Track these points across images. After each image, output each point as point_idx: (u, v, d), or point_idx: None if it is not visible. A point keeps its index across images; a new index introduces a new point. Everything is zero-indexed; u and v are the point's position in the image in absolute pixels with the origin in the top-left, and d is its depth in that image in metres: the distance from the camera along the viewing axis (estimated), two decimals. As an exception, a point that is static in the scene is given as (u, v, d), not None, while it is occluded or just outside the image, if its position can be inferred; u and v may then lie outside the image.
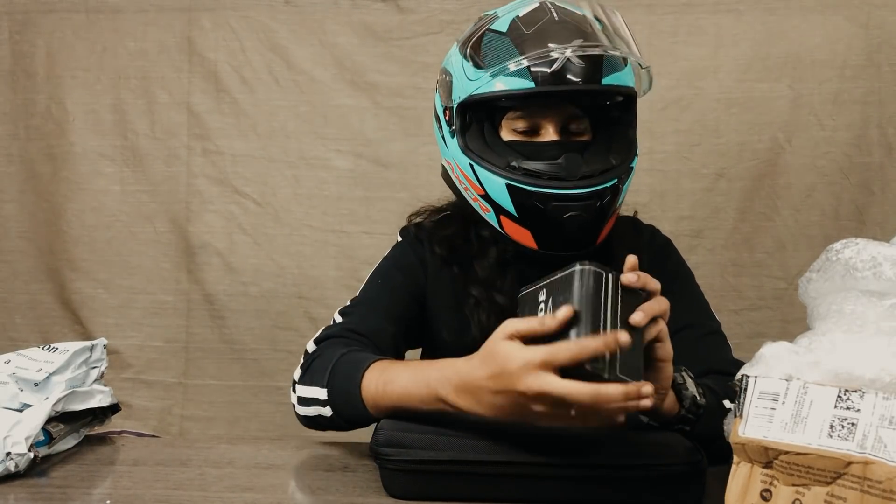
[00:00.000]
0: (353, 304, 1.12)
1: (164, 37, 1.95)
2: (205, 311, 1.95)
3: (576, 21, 1.00)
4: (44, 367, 0.98)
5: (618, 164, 1.01)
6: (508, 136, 1.04)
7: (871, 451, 0.58)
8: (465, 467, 0.79)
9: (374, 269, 1.16)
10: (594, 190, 0.97)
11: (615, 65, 0.99)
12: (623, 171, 1.01)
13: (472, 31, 1.07)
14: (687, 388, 0.88)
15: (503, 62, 0.98)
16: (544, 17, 1.00)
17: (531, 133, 1.03)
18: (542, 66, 0.96)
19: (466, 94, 1.02)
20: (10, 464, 0.86)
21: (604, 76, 0.98)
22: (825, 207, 1.83)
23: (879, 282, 0.65)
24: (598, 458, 0.79)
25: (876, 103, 1.81)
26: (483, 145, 1.04)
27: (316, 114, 1.93)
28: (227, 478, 0.88)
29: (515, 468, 0.79)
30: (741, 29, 1.84)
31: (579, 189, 0.97)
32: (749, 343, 1.77)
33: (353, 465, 0.93)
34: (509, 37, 1.00)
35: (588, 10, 1.04)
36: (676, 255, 1.18)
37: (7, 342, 1.96)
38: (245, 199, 1.94)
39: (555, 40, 0.97)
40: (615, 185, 0.99)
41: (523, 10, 1.03)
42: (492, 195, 1.02)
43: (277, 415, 1.93)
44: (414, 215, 1.21)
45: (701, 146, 1.85)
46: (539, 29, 0.99)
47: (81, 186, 1.97)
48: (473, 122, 1.05)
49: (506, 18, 1.03)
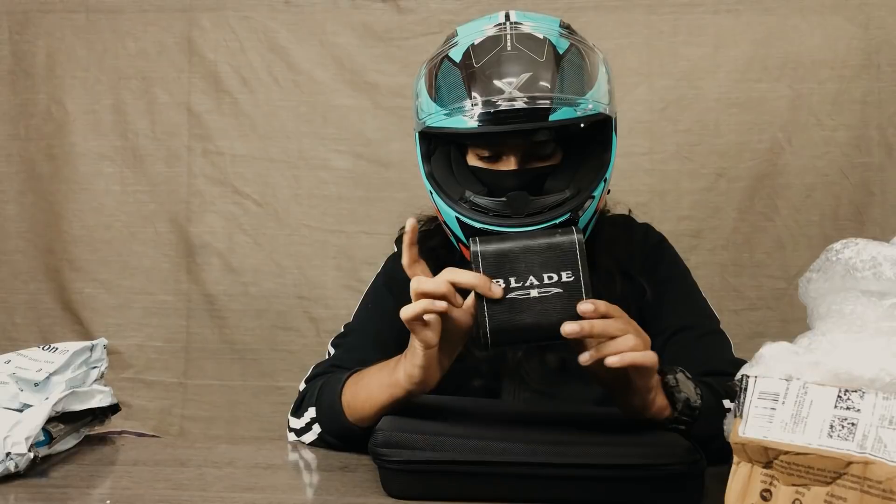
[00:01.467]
0: (344, 331, 1.14)
1: (164, 37, 1.95)
2: (205, 311, 1.95)
3: (531, 50, 0.97)
4: (44, 367, 0.98)
5: (573, 195, 0.98)
6: (473, 160, 1.04)
7: (871, 451, 0.59)
8: (463, 467, 0.79)
9: (368, 286, 1.18)
10: (538, 229, 0.95)
11: (571, 94, 0.96)
12: (580, 201, 0.98)
13: (435, 53, 1.05)
14: (680, 391, 0.87)
15: (450, 99, 0.97)
16: (497, 46, 0.98)
17: (494, 159, 1.02)
18: (483, 107, 0.94)
19: (421, 126, 1.02)
20: (10, 464, 0.86)
21: (552, 113, 0.94)
22: (825, 208, 1.83)
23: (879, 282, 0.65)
24: (596, 459, 0.79)
25: (876, 103, 1.81)
26: (447, 172, 1.03)
27: (316, 114, 1.93)
28: (227, 478, 0.88)
29: (514, 468, 0.79)
30: (741, 29, 1.84)
31: (523, 227, 0.94)
32: (749, 343, 1.76)
33: (352, 465, 0.93)
34: (459, 69, 0.98)
35: (554, 33, 1.00)
36: (670, 255, 1.17)
37: (7, 342, 1.95)
38: (245, 200, 1.94)
39: (502, 76, 0.95)
40: (567, 220, 0.96)
41: (480, 36, 1.00)
42: (448, 223, 1.03)
43: (277, 415, 1.93)
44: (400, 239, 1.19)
45: (701, 146, 1.85)
46: (488, 62, 0.97)
47: (82, 186, 1.97)
48: (440, 145, 1.05)
49: (463, 44, 1.01)
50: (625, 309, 0.83)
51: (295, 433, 1.04)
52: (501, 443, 0.80)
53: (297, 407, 1.05)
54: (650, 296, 1.09)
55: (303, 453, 0.99)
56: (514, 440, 0.80)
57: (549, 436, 0.82)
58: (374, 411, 0.91)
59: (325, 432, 0.99)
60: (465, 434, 0.81)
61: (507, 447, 0.79)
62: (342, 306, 1.88)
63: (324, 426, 1.00)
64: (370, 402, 0.92)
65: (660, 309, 1.08)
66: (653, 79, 1.85)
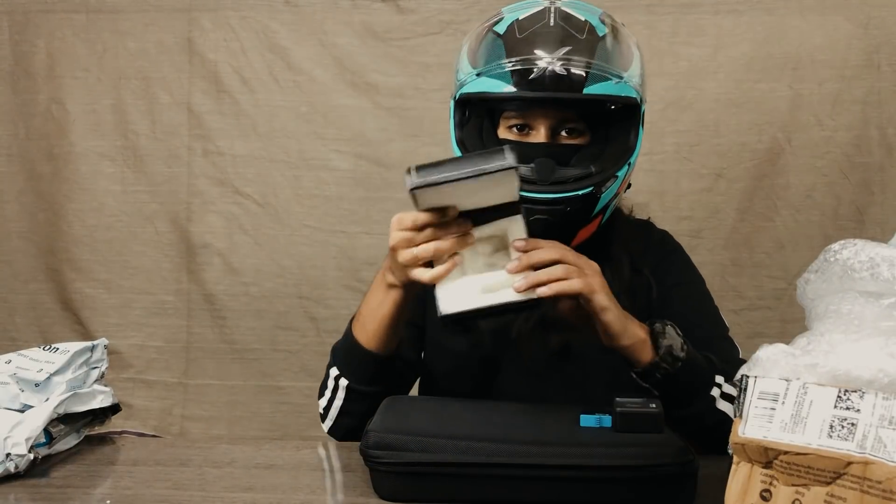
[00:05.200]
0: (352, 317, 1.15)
1: (164, 37, 1.95)
2: (205, 311, 1.95)
3: (573, 28, 1.01)
4: (45, 368, 0.98)
5: (598, 172, 1.00)
6: (504, 133, 1.05)
7: (871, 452, 0.59)
8: (455, 469, 0.79)
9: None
10: (560, 196, 0.97)
11: (606, 72, 0.99)
12: (603, 178, 1.00)
13: (478, 28, 1.08)
14: (665, 337, 0.91)
15: (490, 65, 1.00)
16: (541, 21, 1.02)
17: (525, 131, 1.04)
18: (521, 72, 0.98)
19: (458, 92, 1.05)
20: (10, 464, 0.86)
21: (587, 86, 0.98)
22: (825, 208, 1.83)
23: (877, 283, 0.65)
24: (588, 460, 0.79)
25: (876, 103, 1.81)
26: (477, 142, 1.05)
27: (316, 114, 1.93)
28: (227, 478, 0.89)
29: (505, 470, 0.79)
30: (741, 29, 1.84)
31: (546, 194, 0.97)
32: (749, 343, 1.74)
33: (352, 465, 0.93)
34: (503, 39, 1.02)
35: (595, 18, 1.04)
36: (684, 262, 1.18)
37: (7, 342, 1.96)
38: (246, 200, 1.94)
39: (543, 47, 0.98)
40: (590, 193, 0.99)
41: (526, 12, 1.04)
42: None
43: (277, 415, 1.93)
44: None
45: (700, 146, 1.85)
46: (531, 34, 1.00)
47: (82, 186, 1.97)
48: (473, 117, 1.07)
49: (508, 19, 1.04)
50: (632, 299, 0.87)
51: (322, 414, 1.07)
52: (493, 444, 0.80)
53: (321, 387, 1.08)
54: (655, 293, 1.10)
55: (303, 453, 0.99)
56: (506, 441, 0.80)
57: (541, 437, 0.82)
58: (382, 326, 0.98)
59: (353, 381, 1.02)
60: (456, 435, 0.81)
61: (499, 448, 0.79)
62: (343, 306, 1.88)
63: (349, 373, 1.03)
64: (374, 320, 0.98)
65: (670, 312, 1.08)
66: (652, 79, 1.85)
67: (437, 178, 0.77)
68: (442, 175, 0.77)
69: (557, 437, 0.82)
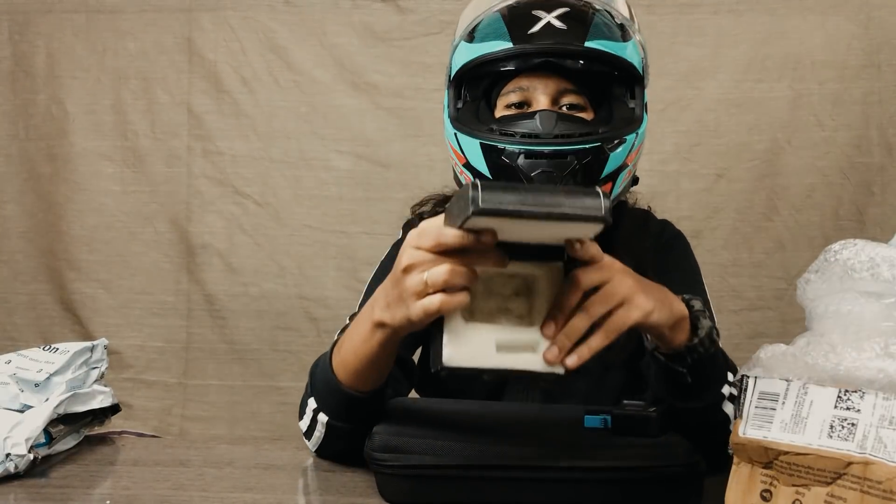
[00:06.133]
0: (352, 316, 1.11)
1: (164, 37, 1.95)
2: (205, 311, 1.95)
3: None
4: (44, 368, 0.97)
5: (606, 132, 0.96)
6: (502, 112, 1.03)
7: (871, 452, 0.58)
8: (460, 472, 0.78)
9: (375, 269, 1.15)
10: (565, 149, 0.93)
11: (606, 33, 0.97)
12: (611, 137, 0.95)
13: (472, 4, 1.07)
14: (706, 318, 0.81)
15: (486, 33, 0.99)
16: None
17: (523, 107, 1.02)
18: (520, 26, 0.96)
19: (456, 66, 1.03)
20: (10, 465, 0.86)
21: (588, 39, 0.95)
22: (825, 208, 1.83)
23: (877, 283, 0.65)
24: (594, 461, 0.78)
25: (876, 103, 1.81)
26: (473, 120, 1.03)
27: (316, 114, 1.93)
28: (227, 478, 0.88)
29: (511, 472, 0.78)
30: (741, 29, 1.84)
31: (549, 146, 0.93)
32: (749, 343, 1.77)
33: (352, 465, 0.93)
34: (499, 11, 1.01)
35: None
36: (683, 249, 1.16)
37: (7, 342, 1.95)
38: (245, 200, 1.94)
39: (541, 7, 0.97)
40: (597, 147, 0.94)
41: None
42: (471, 161, 1.00)
43: (277, 415, 1.93)
44: (417, 206, 1.18)
45: (700, 147, 1.85)
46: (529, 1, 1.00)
47: (82, 187, 1.97)
48: (468, 98, 1.04)
49: None
50: None
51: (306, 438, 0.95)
52: (498, 446, 0.79)
53: (301, 407, 0.96)
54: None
55: (303, 453, 0.98)
56: (511, 444, 0.80)
57: (547, 439, 0.81)
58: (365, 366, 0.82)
59: (333, 418, 0.89)
60: (461, 438, 0.80)
61: (504, 451, 0.79)
62: (342, 306, 1.88)
63: (327, 409, 0.89)
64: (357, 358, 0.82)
65: None
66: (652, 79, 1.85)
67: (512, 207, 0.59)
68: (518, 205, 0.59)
69: (562, 438, 0.82)
